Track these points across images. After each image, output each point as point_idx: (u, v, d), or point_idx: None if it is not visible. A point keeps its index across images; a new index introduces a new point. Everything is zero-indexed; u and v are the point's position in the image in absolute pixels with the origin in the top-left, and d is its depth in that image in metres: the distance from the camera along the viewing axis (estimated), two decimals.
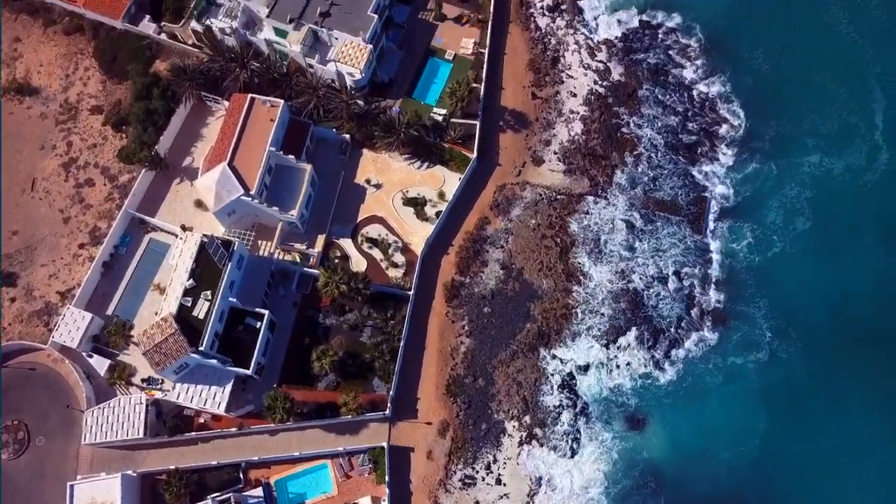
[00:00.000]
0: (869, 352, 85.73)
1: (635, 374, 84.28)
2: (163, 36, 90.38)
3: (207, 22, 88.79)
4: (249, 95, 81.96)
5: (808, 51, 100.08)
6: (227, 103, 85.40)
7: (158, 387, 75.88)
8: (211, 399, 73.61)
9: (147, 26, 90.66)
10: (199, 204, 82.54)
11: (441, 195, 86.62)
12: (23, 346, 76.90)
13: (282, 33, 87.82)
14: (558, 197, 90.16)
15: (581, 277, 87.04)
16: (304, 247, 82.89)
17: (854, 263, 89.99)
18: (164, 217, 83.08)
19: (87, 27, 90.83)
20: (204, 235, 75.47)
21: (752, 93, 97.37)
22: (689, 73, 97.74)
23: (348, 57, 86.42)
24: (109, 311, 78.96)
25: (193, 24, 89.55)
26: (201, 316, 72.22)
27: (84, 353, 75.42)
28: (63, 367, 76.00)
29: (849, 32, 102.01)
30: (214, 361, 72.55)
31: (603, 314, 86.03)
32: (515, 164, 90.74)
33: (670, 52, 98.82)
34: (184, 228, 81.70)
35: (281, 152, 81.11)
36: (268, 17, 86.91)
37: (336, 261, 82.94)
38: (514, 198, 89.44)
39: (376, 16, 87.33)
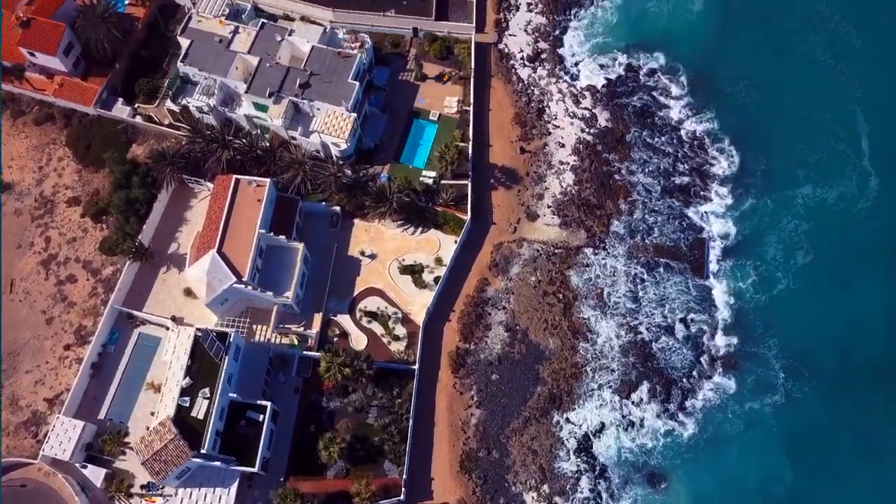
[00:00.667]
0: (883, 385, 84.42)
1: (651, 429, 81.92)
2: (138, 119, 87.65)
3: (183, 102, 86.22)
4: (234, 177, 79.26)
5: (789, 81, 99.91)
6: (210, 185, 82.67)
7: (159, 492, 71.94)
8: (216, 502, 69.83)
9: (121, 110, 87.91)
10: (189, 292, 79.32)
11: (438, 261, 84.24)
12: (10, 462, 72.57)
13: (262, 107, 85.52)
14: (556, 251, 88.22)
15: (587, 333, 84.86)
16: (302, 328, 79.83)
17: (858, 294, 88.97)
18: (152, 309, 79.67)
19: (59, 115, 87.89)
20: (198, 329, 72.25)
21: (738, 128, 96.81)
22: (675, 113, 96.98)
23: (332, 128, 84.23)
24: (102, 415, 75.01)
25: (168, 103, 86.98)
26: (201, 416, 68.69)
27: (78, 465, 71.38)
28: (56, 481, 71.78)
29: (826, 60, 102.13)
30: (218, 463, 68.94)
31: (613, 370, 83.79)
32: (510, 222, 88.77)
33: (654, 94, 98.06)
34: (174, 320, 78.37)
35: (271, 233, 78.30)
36: (246, 92, 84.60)
37: (336, 339, 79.98)
38: (512, 256, 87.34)
39: (357, 83, 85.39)
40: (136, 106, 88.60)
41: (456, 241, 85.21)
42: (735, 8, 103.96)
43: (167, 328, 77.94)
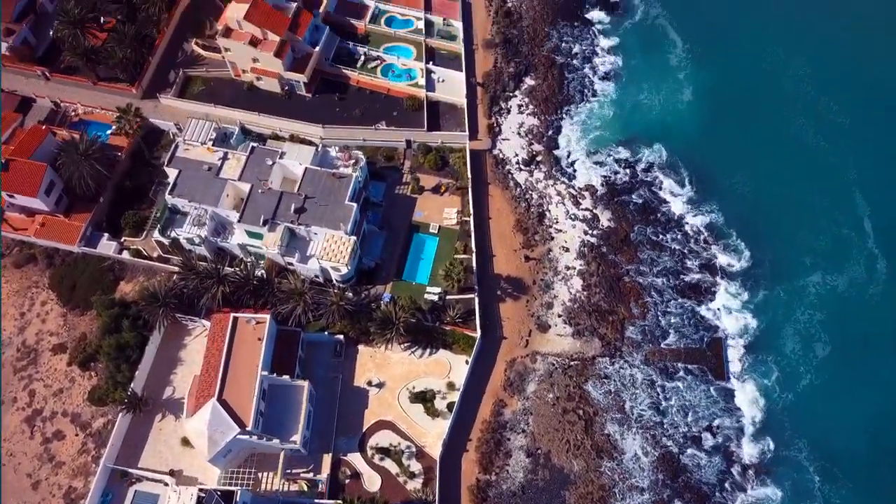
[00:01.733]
0: None
1: None
2: (125, 254, 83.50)
3: (173, 234, 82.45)
4: (232, 315, 75.00)
5: (784, 167, 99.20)
6: (205, 322, 78.25)
7: None
8: None
9: (106, 246, 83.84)
10: (187, 441, 73.80)
11: (450, 385, 79.91)
12: None
13: (256, 235, 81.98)
14: (572, 363, 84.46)
15: (612, 451, 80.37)
16: (311, 472, 74.40)
17: (882, 383, 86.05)
18: (148, 462, 73.89)
19: (41, 256, 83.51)
20: (200, 490, 66.60)
21: (741, 219, 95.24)
22: (677, 208, 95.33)
23: (331, 253, 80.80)
24: None
25: (157, 235, 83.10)
26: None
27: None
28: None
29: (817, 142, 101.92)
30: None
31: (643, 489, 79.06)
32: (521, 335, 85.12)
33: (654, 189, 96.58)
34: (173, 474, 72.64)
35: (274, 374, 73.66)
36: (239, 221, 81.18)
37: (347, 481, 74.61)
38: (527, 372, 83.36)
39: (355, 204, 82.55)
40: (122, 240, 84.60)
41: (467, 362, 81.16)
42: (723, 96, 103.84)
43: (166, 484, 72.08)
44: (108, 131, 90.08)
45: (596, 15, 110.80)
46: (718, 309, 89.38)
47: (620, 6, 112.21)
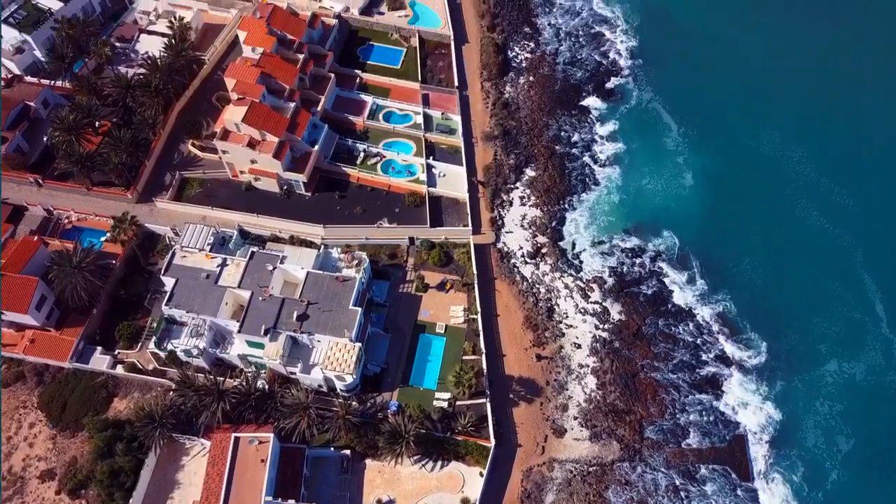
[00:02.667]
0: None
1: None
2: (119, 369, 79.59)
3: (169, 346, 78.89)
4: (233, 436, 70.81)
5: (790, 251, 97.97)
6: (204, 441, 73.89)
7: None
8: None
9: (99, 360, 79.95)
10: None
11: (465, 501, 75.25)
12: None
13: (257, 345, 78.59)
14: (590, 469, 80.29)
15: None
16: None
17: None
18: None
19: (29, 374, 79.42)
20: None
21: (752, 307, 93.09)
22: (687, 299, 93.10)
23: (336, 361, 77.38)
24: None
25: (152, 347, 79.49)
26: None
27: None
28: None
29: (822, 224, 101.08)
30: None
31: None
32: (537, 441, 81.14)
33: (663, 279, 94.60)
34: None
35: (278, 500, 69.02)
36: (239, 331, 77.91)
37: None
38: (544, 482, 79.03)
39: (359, 308, 79.65)
40: (116, 353, 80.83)
41: (481, 474, 76.80)
42: (723, 180, 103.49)
43: None
44: (103, 238, 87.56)
45: (592, 102, 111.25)
46: (737, 405, 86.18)
47: (615, 92, 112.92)
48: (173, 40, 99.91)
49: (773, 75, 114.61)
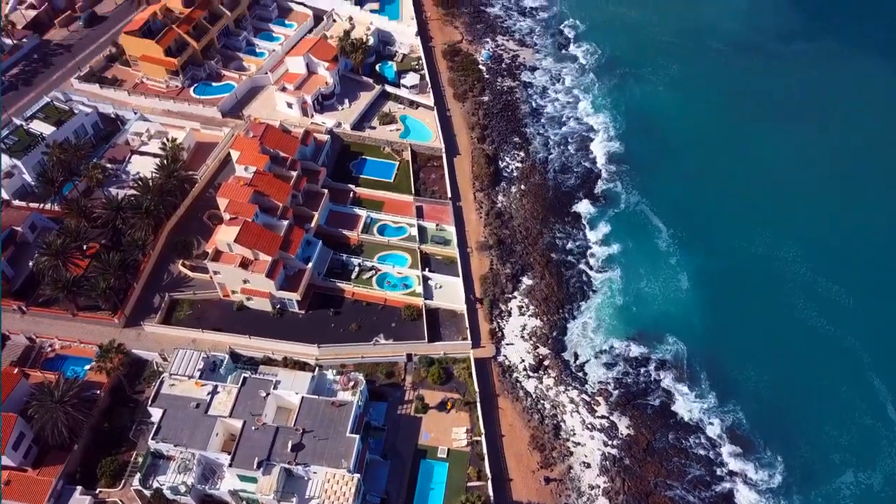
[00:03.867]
0: None
1: None
2: None
3: (155, 483, 73.81)
4: None
5: (795, 356, 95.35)
6: None
7: None
8: None
9: (79, 501, 74.37)
10: None
11: None
12: None
13: (249, 479, 73.69)
14: None
15: None
16: None
17: None
18: None
19: None
20: None
21: (761, 418, 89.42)
22: (696, 410, 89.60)
23: (333, 494, 72.47)
24: None
25: (136, 484, 74.26)
26: None
27: None
28: None
29: (823, 326, 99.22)
30: None
31: None
32: None
33: (669, 390, 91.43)
34: None
35: None
36: (231, 465, 73.19)
37: None
38: None
39: (357, 436, 75.50)
40: (97, 492, 75.44)
41: None
42: (719, 282, 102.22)
43: None
44: (87, 367, 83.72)
45: (583, 208, 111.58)
46: None
47: (604, 197, 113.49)
48: (165, 161, 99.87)
49: (758, 176, 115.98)
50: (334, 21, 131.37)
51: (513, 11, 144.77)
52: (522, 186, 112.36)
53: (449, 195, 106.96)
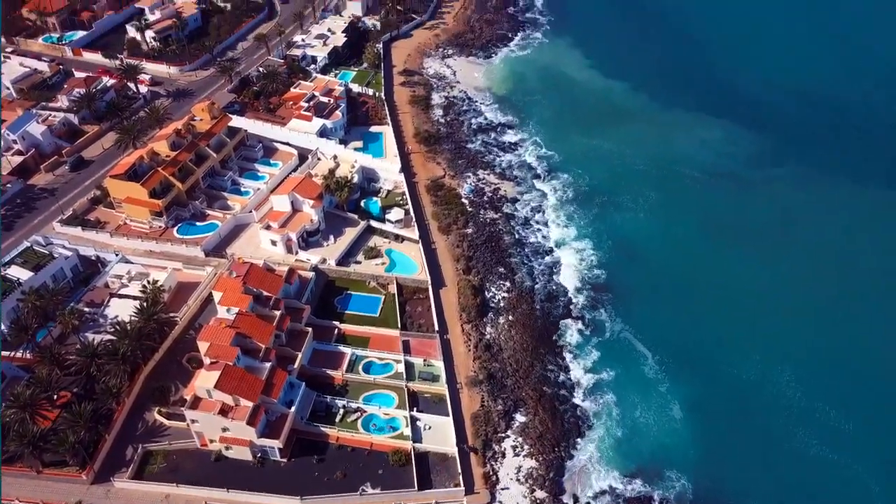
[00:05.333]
0: None
1: None
2: None
3: None
4: None
5: (802, 492, 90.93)
6: None
7: None
8: None
9: None
10: None
11: None
12: None
13: None
14: None
15: None
16: None
17: None
18: None
19: None
20: None
21: None
22: None
23: None
24: None
25: None
26: None
27: None
28: None
29: (825, 455, 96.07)
30: None
31: None
32: None
33: None
34: None
35: None
36: None
37: None
38: None
39: None
40: None
41: None
42: (711, 410, 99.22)
43: None
44: None
45: (571, 337, 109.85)
46: None
47: (590, 324, 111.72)
48: (145, 304, 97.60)
49: (741, 300, 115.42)
50: (319, 159, 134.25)
51: (492, 146, 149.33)
52: (510, 317, 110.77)
53: (436, 328, 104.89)
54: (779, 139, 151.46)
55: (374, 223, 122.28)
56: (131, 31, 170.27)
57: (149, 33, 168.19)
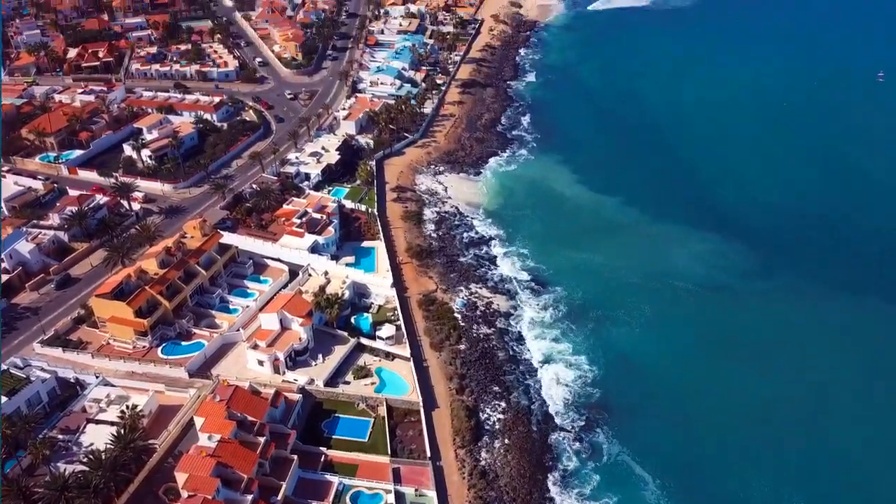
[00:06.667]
0: None
1: None
2: None
3: None
4: None
5: None
6: None
7: None
8: None
9: None
10: None
11: None
12: None
13: None
14: None
15: None
16: None
17: None
18: None
19: None
20: None
21: None
22: None
23: None
24: None
25: None
26: None
27: None
28: None
29: None
30: None
31: None
32: None
33: None
34: None
35: None
36: None
37: None
38: None
39: None
40: None
41: None
42: None
43: None
44: None
45: (570, 461, 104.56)
46: None
47: (587, 447, 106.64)
48: (122, 430, 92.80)
49: (743, 416, 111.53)
50: (310, 275, 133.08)
51: (484, 260, 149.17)
52: (506, 440, 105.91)
53: (428, 454, 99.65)
54: (769, 252, 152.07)
55: (364, 340, 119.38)
56: (128, 150, 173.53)
57: (145, 152, 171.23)
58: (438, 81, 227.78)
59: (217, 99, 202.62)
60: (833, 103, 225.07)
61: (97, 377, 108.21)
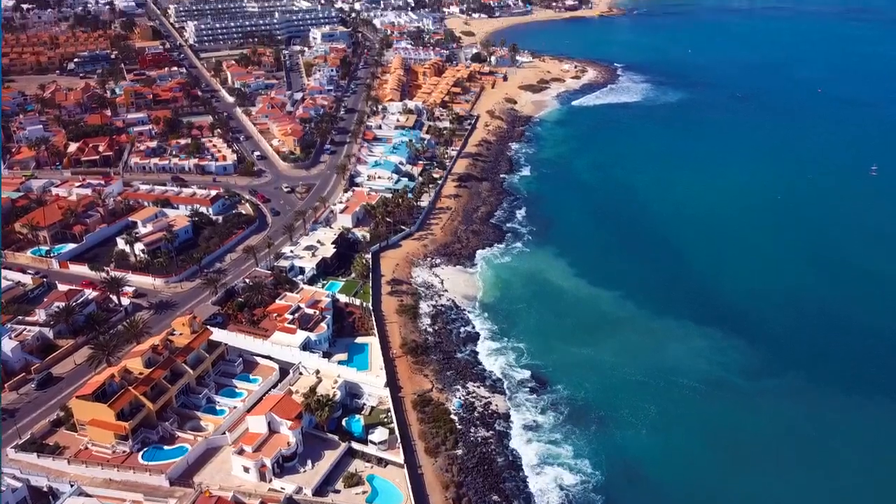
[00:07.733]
0: None
1: None
2: None
3: None
4: None
5: None
6: None
7: None
8: None
9: None
10: None
11: None
12: None
13: None
14: None
15: None
16: None
17: None
18: None
19: None
20: None
21: None
22: None
23: None
24: None
25: None
26: None
27: None
28: None
29: None
30: None
31: None
32: None
33: None
34: None
35: None
36: None
37: None
38: None
39: None
40: None
41: None
42: None
43: None
44: None
45: None
46: None
47: None
48: None
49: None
50: (301, 374, 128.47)
51: (481, 357, 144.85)
52: None
53: None
54: (770, 348, 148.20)
55: (355, 445, 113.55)
56: (121, 244, 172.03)
57: (138, 245, 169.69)
58: (435, 175, 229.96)
59: (213, 192, 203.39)
60: (828, 197, 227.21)
61: (72, 486, 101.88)
